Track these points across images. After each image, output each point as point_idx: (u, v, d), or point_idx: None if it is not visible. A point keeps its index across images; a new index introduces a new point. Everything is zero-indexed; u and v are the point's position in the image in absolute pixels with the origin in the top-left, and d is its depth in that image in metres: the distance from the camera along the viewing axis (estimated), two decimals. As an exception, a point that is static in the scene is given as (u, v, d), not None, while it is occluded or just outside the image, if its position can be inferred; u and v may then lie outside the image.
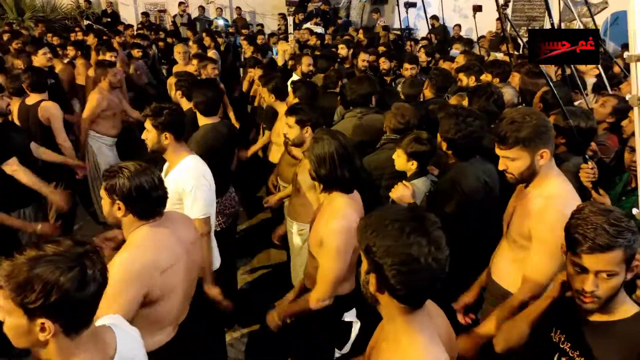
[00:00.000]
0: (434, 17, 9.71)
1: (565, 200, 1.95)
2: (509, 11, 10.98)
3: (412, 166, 2.77)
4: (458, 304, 2.44)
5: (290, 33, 7.20)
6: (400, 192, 2.58)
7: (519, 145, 1.96)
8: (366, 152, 3.24)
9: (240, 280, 4.14)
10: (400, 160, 2.80)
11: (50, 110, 4.11)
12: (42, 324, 1.15)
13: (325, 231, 2.09)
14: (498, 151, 2.06)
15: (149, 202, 1.89)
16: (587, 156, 2.65)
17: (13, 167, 3.21)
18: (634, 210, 2.02)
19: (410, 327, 1.26)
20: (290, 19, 7.64)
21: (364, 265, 1.28)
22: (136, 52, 7.53)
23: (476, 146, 2.63)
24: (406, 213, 1.25)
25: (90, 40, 8.00)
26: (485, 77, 4.42)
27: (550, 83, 2.79)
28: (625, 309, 1.50)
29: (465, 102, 3.46)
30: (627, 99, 1.92)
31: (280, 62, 5.83)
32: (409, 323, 1.26)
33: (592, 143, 2.91)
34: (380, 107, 3.88)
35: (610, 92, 4.10)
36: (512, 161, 2.01)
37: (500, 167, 2.08)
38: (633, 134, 2.29)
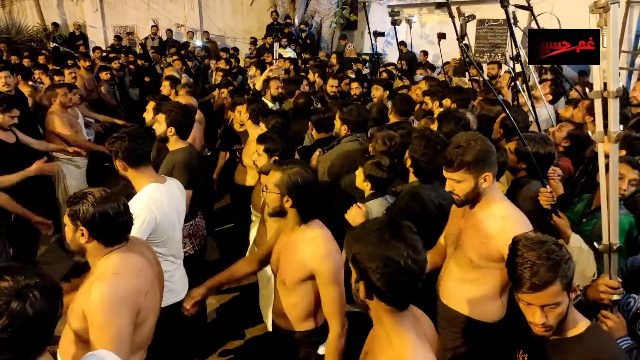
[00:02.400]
0: (402, 43, 10.03)
1: (519, 218, 2.11)
2: (472, 38, 11.44)
3: (366, 186, 2.85)
4: None
5: (276, 59, 7.26)
6: (353, 215, 2.67)
7: (463, 169, 2.09)
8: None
9: (209, 306, 4.07)
10: (359, 178, 2.89)
11: None
12: None
13: (316, 261, 2.04)
14: (445, 173, 2.18)
15: (113, 228, 1.88)
16: (545, 180, 2.77)
17: None
18: (595, 244, 2.11)
19: (399, 328, 1.39)
20: (276, 45, 7.76)
21: (354, 275, 1.40)
22: (104, 75, 7.48)
23: (437, 172, 2.72)
24: (384, 222, 1.40)
25: (52, 66, 7.87)
26: (446, 102, 4.59)
27: (507, 110, 2.91)
28: (578, 325, 1.61)
29: (434, 126, 3.58)
30: (591, 136, 2.02)
31: (258, 86, 5.83)
32: (398, 324, 1.39)
33: (554, 168, 3.04)
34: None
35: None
36: (457, 183, 2.13)
37: (447, 189, 2.20)
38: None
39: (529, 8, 3.71)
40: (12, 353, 1.19)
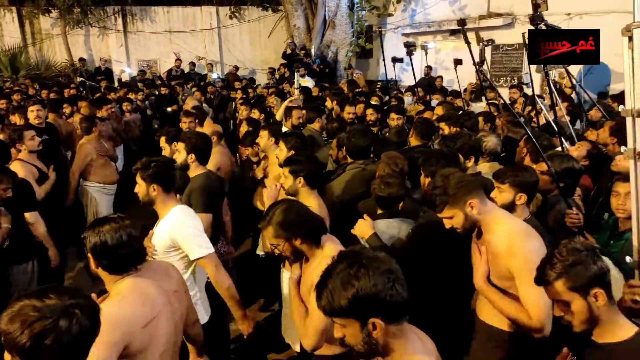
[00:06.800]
0: (428, 67, 10.39)
1: (523, 231, 2.12)
2: (488, 63, 11.49)
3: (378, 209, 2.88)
4: None
5: (297, 88, 7.34)
6: (361, 228, 2.71)
7: (447, 206, 2.15)
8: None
9: (232, 332, 4.04)
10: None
11: None
12: None
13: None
14: (438, 214, 2.22)
15: (113, 258, 1.91)
16: (571, 201, 2.74)
17: (35, 218, 3.49)
18: (627, 258, 2.07)
19: (407, 349, 1.43)
20: (297, 74, 7.82)
21: (353, 329, 1.38)
22: (126, 105, 7.72)
23: None
24: (341, 259, 1.43)
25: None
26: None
27: (530, 133, 2.92)
28: (626, 330, 1.61)
29: None
30: (623, 151, 2.00)
31: (279, 116, 5.91)
32: (405, 347, 1.42)
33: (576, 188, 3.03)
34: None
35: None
36: (450, 220, 2.18)
37: (447, 226, 2.22)
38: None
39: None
40: None
